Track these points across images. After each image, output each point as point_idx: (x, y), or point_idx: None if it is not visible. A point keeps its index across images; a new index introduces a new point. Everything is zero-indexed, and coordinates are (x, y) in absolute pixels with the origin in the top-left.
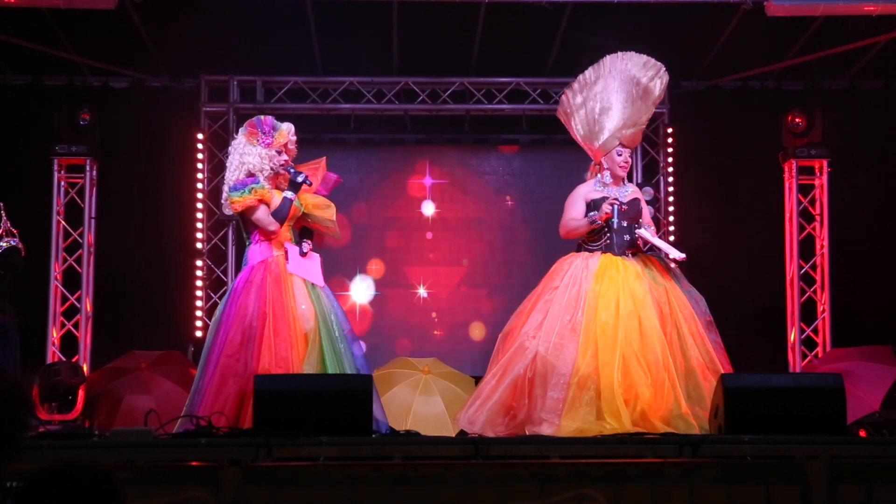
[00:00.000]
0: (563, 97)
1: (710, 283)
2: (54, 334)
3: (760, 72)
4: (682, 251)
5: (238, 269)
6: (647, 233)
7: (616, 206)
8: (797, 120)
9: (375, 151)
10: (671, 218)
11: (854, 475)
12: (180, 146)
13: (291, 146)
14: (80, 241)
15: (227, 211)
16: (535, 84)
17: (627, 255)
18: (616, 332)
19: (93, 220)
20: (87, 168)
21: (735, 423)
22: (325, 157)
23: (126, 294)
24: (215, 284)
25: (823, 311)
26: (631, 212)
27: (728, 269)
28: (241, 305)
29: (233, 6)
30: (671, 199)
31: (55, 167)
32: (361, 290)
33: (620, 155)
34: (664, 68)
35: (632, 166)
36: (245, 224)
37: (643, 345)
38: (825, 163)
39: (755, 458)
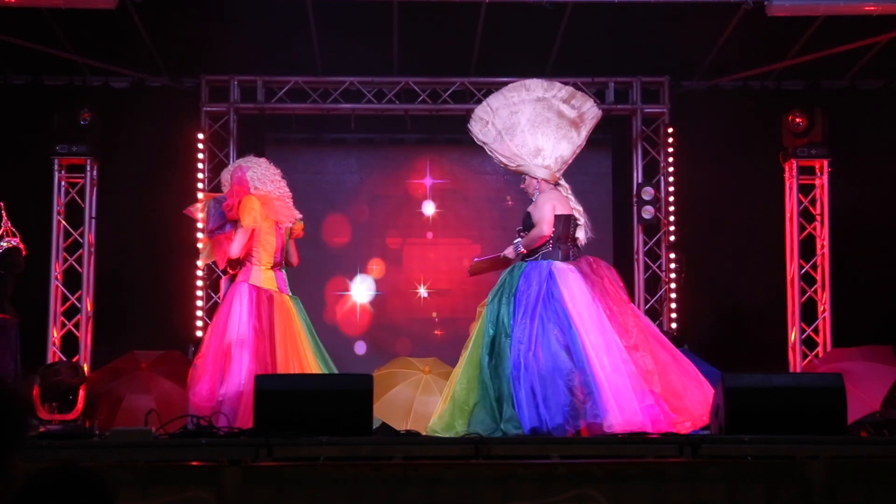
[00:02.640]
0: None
1: (710, 282)
2: (55, 334)
3: (761, 72)
4: (682, 250)
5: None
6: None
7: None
8: (797, 120)
9: (376, 151)
10: (671, 218)
11: (854, 475)
12: (181, 146)
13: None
14: (81, 240)
15: None
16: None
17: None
18: None
19: (93, 220)
20: (88, 168)
21: (736, 423)
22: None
23: (126, 294)
24: (215, 284)
25: (824, 310)
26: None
27: (728, 269)
28: None
29: (233, 6)
30: (671, 198)
31: (55, 167)
32: (362, 290)
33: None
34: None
35: (632, 166)
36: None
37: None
38: (826, 163)
39: (756, 458)
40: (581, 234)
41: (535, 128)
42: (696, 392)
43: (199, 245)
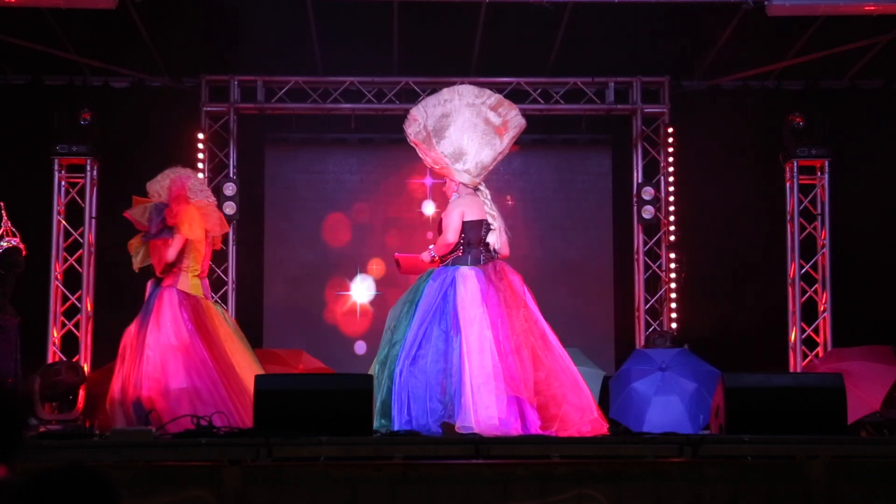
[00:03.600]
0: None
1: (710, 282)
2: (55, 334)
3: (761, 71)
4: (682, 250)
5: (238, 269)
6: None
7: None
8: (797, 120)
9: (376, 151)
10: (671, 217)
11: (854, 475)
12: (181, 146)
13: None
14: (81, 240)
15: None
16: (536, 84)
17: None
18: None
19: (93, 220)
20: (88, 168)
21: (736, 423)
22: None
23: (126, 294)
24: (216, 284)
25: (824, 310)
26: None
27: (728, 269)
28: None
29: (233, 6)
30: (671, 198)
31: (56, 167)
32: (362, 290)
33: None
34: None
35: (632, 166)
36: None
37: None
38: (826, 162)
39: (756, 458)
40: (493, 239)
41: (462, 132)
42: (575, 400)
43: (132, 250)
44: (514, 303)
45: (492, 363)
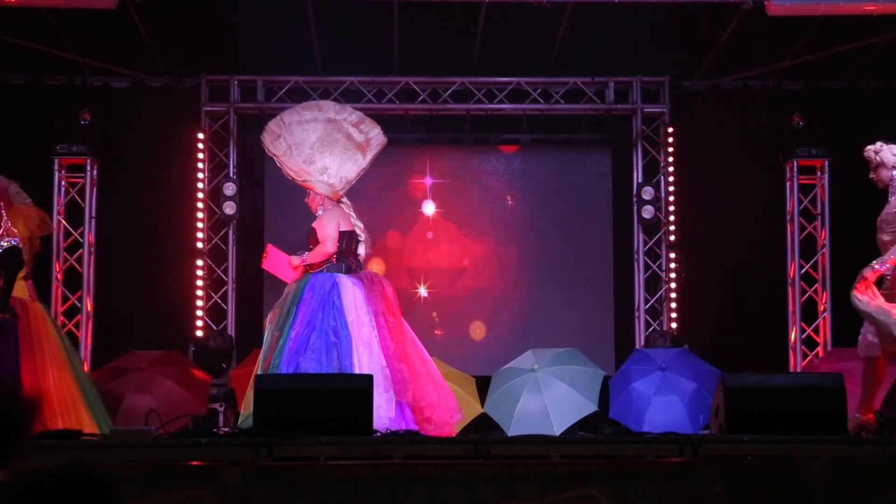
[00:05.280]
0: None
1: (710, 282)
2: None
3: (761, 71)
4: (682, 250)
5: (239, 268)
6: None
7: None
8: (798, 120)
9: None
10: (671, 217)
11: (854, 475)
12: (181, 146)
13: None
14: (81, 240)
15: None
16: (536, 84)
17: None
18: None
19: (93, 220)
20: (88, 168)
21: (735, 423)
22: None
23: (127, 293)
24: (216, 284)
25: (824, 310)
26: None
27: (728, 269)
28: None
29: (233, 6)
30: (671, 198)
31: (56, 167)
32: None
33: None
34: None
35: (632, 165)
36: None
37: None
38: (826, 162)
39: (755, 458)
40: (362, 250)
41: (323, 146)
42: (445, 404)
43: None
44: (391, 311)
45: (380, 367)
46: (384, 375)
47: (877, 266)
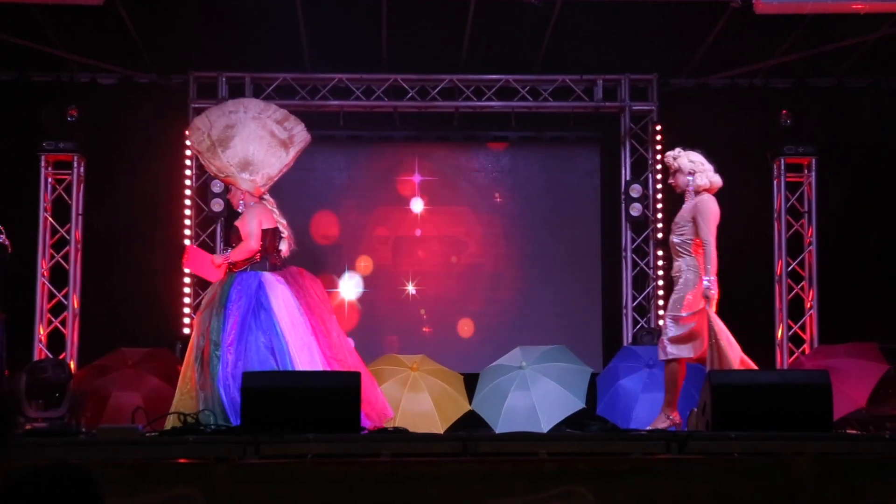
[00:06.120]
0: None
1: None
2: (41, 331)
3: (749, 70)
4: (669, 248)
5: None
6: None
7: None
8: (785, 118)
9: (364, 148)
10: (659, 215)
11: (840, 471)
12: (168, 143)
13: None
14: (68, 237)
15: None
16: (525, 81)
17: None
18: None
19: (80, 217)
20: (75, 164)
21: (722, 420)
22: None
23: (113, 291)
24: (203, 282)
25: (810, 307)
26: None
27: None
28: None
29: (221, 2)
30: (659, 196)
31: (42, 163)
32: (350, 287)
33: None
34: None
35: (620, 163)
36: None
37: None
38: (813, 160)
39: (742, 455)
40: (284, 247)
41: (247, 143)
42: (374, 401)
43: None
44: (318, 308)
45: (322, 363)
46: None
47: (711, 285)
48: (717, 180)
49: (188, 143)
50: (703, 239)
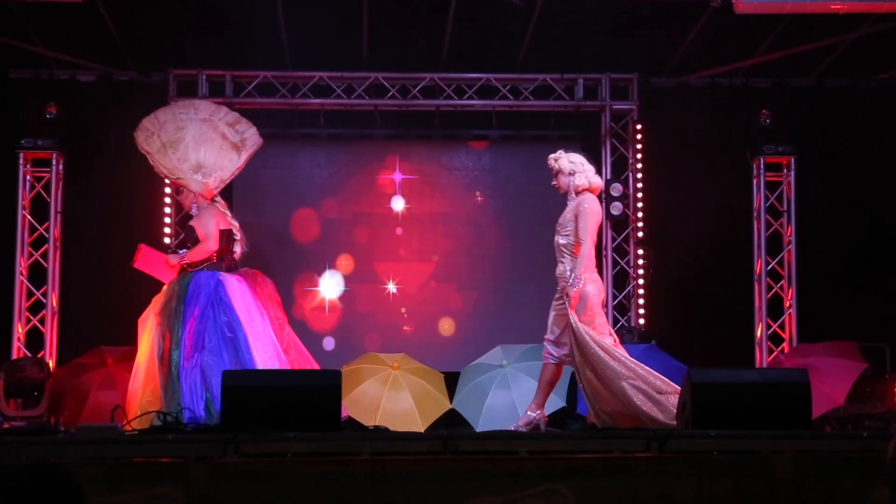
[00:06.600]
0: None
1: (678, 278)
2: (19, 329)
3: (729, 69)
4: (650, 247)
5: None
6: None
7: None
8: (765, 117)
9: (345, 147)
10: (640, 214)
11: (819, 469)
12: None
13: None
14: (46, 235)
15: None
16: (506, 80)
17: None
18: None
19: (59, 215)
20: (54, 162)
21: (702, 418)
22: None
23: (92, 289)
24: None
25: (790, 306)
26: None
27: (696, 265)
28: None
29: (202, 0)
30: (640, 195)
31: (21, 161)
32: (331, 286)
33: None
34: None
35: (601, 162)
36: None
37: None
38: (792, 160)
39: (722, 453)
40: (237, 248)
41: (198, 145)
42: None
43: None
44: (273, 307)
45: (278, 359)
46: (283, 368)
47: (575, 283)
48: (597, 181)
49: (137, 142)
50: (579, 237)
